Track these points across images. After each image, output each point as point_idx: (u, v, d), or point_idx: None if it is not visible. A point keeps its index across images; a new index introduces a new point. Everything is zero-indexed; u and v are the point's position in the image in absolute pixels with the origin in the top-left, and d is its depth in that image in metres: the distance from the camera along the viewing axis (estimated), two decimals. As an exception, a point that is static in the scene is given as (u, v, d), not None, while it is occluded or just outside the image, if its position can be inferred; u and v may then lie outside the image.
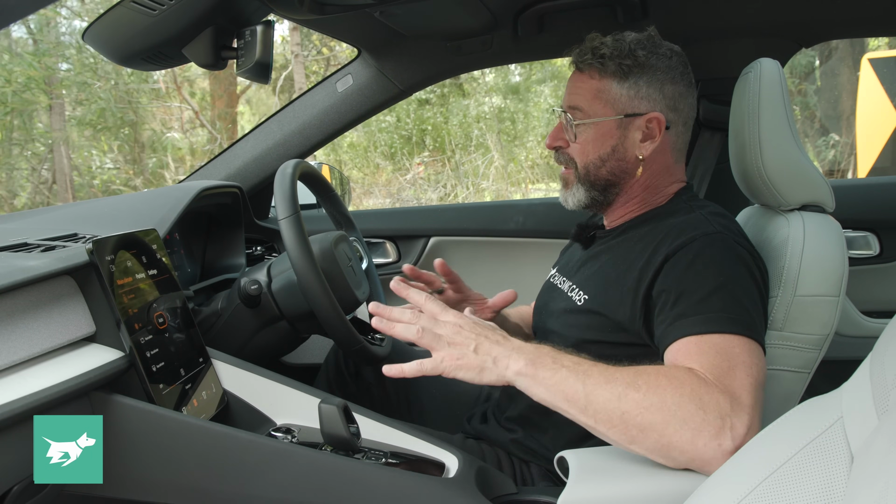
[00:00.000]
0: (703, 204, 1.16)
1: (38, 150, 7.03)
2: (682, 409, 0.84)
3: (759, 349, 0.95)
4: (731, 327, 0.94)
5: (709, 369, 0.90)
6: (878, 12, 1.60)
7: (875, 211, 1.89)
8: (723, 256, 1.02)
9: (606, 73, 1.14)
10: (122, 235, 0.99)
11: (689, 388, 0.86)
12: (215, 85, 7.98)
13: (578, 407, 0.88)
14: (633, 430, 0.86)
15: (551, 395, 0.89)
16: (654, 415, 0.85)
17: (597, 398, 0.87)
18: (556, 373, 0.89)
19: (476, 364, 0.92)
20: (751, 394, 0.88)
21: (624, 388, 0.87)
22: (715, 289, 0.98)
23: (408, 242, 2.07)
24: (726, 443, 0.83)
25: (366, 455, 0.99)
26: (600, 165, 1.17)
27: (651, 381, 0.87)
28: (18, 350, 0.82)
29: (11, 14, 0.76)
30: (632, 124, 1.15)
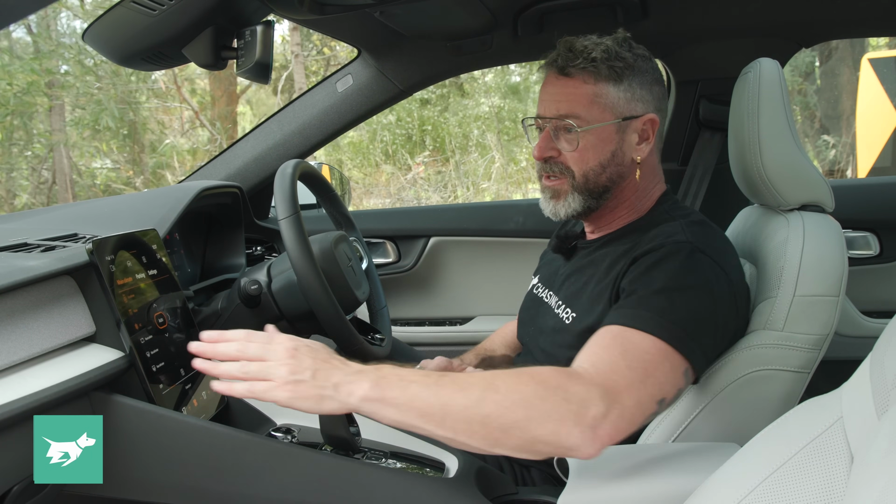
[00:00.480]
0: (686, 213, 1.16)
1: (38, 150, 7.03)
2: (545, 403, 0.82)
3: (678, 361, 0.93)
4: (656, 330, 0.92)
5: (604, 362, 0.89)
6: (878, 12, 1.60)
7: (875, 211, 1.89)
8: (682, 265, 1.00)
9: (601, 76, 1.11)
10: (122, 235, 0.99)
11: (554, 382, 0.84)
12: (215, 85, 7.98)
13: (435, 421, 0.83)
14: (495, 433, 0.83)
15: (403, 415, 0.84)
16: (517, 412, 0.82)
17: (454, 408, 0.83)
18: (405, 390, 0.84)
19: (314, 393, 0.84)
20: (632, 396, 0.86)
21: (482, 392, 0.83)
22: (659, 290, 0.97)
23: (408, 242, 2.07)
24: (587, 431, 0.82)
25: (366, 455, 0.99)
26: (601, 172, 1.15)
27: (511, 380, 0.85)
28: (18, 350, 0.82)
29: (11, 14, 0.76)
30: (629, 127, 1.14)
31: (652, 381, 0.90)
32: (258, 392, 0.85)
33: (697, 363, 0.96)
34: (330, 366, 0.86)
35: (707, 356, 1.00)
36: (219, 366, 0.87)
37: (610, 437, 0.84)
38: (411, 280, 2.08)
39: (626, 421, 0.85)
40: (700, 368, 0.97)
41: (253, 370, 0.86)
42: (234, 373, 0.86)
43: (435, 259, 2.07)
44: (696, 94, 1.81)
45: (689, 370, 0.95)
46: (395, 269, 2.07)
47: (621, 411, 0.85)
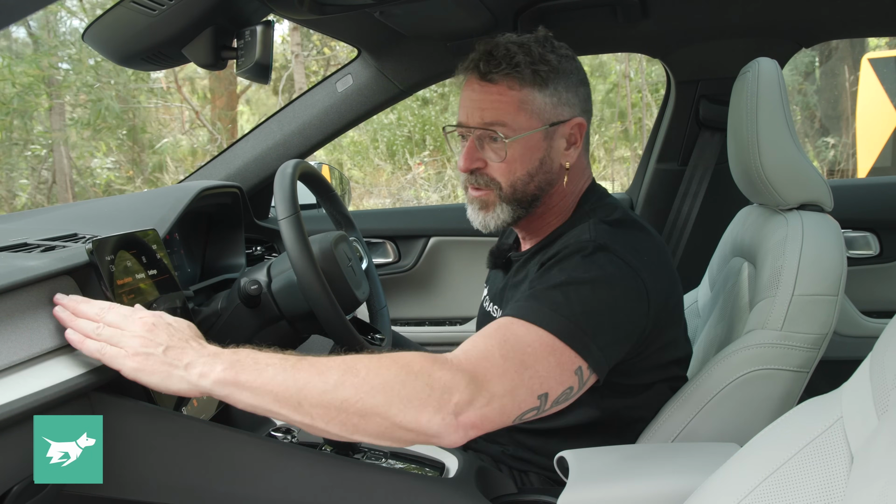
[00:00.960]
0: (605, 211, 1.12)
1: (38, 150, 7.03)
2: (406, 388, 0.80)
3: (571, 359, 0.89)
4: (544, 323, 0.89)
5: (477, 350, 0.86)
6: (878, 12, 1.60)
7: (875, 211, 1.89)
8: (580, 262, 0.98)
9: (525, 82, 1.06)
10: (122, 235, 0.99)
11: (418, 367, 0.81)
12: (215, 85, 7.98)
13: (291, 405, 0.80)
14: (353, 418, 0.80)
15: (259, 399, 0.81)
16: (376, 397, 0.79)
17: (311, 392, 0.80)
18: (260, 374, 0.81)
19: (162, 369, 0.82)
20: (503, 385, 0.83)
21: (340, 375, 0.80)
22: (554, 286, 0.94)
23: (408, 242, 2.07)
24: (449, 418, 0.79)
25: (366, 455, 0.99)
26: (528, 181, 1.10)
27: (372, 364, 0.82)
28: (18, 350, 0.82)
29: (11, 14, 0.76)
30: (556, 133, 1.10)
31: (531, 374, 0.86)
32: (107, 356, 0.83)
33: (594, 362, 0.91)
34: (185, 345, 0.84)
35: (607, 356, 0.93)
36: (76, 320, 0.85)
37: (474, 425, 0.81)
38: (411, 280, 2.08)
39: (495, 411, 0.82)
40: (599, 368, 0.92)
41: (105, 334, 0.83)
42: (88, 331, 0.84)
43: (435, 259, 2.07)
44: (696, 94, 1.81)
45: (584, 369, 0.91)
46: (395, 269, 2.07)
47: (489, 400, 0.82)
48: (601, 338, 0.92)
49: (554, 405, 0.89)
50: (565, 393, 0.90)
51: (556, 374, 0.88)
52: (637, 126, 8.34)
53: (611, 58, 8.28)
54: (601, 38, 1.81)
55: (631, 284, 0.98)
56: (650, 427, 1.12)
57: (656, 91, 8.09)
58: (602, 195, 1.17)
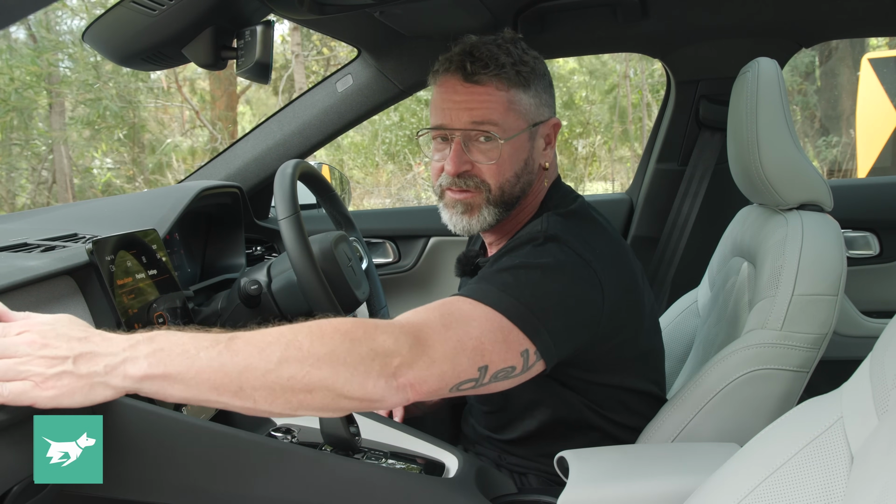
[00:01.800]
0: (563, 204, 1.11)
1: (38, 150, 7.03)
2: (351, 355, 0.76)
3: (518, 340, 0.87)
4: (493, 302, 0.88)
5: (419, 317, 0.84)
6: (878, 12, 1.61)
7: (875, 211, 1.89)
8: (532, 250, 0.98)
9: (511, 82, 1.05)
10: (122, 235, 0.99)
11: (360, 333, 0.77)
12: (215, 85, 7.98)
13: (231, 391, 0.73)
14: (300, 394, 0.74)
15: (194, 391, 0.73)
16: (322, 370, 0.74)
17: (252, 374, 0.73)
18: (193, 362, 0.72)
19: (81, 384, 0.69)
20: (443, 350, 0.81)
21: (283, 350, 0.74)
22: (504, 269, 0.94)
23: (408, 242, 2.07)
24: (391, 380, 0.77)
25: (366, 455, 0.99)
26: (515, 182, 1.09)
27: (315, 333, 0.76)
28: (18, 350, 0.82)
29: (11, 14, 0.76)
30: (537, 133, 1.10)
31: (473, 344, 0.84)
32: (11, 396, 0.67)
33: (543, 346, 0.89)
34: (92, 346, 0.71)
35: (557, 341, 0.91)
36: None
37: (413, 387, 0.79)
38: (411, 280, 2.08)
39: (434, 375, 0.80)
40: (547, 353, 0.90)
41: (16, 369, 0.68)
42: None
43: (435, 259, 2.07)
44: (696, 94, 1.81)
45: (532, 353, 0.89)
46: (395, 269, 2.07)
47: (429, 363, 0.80)
48: (552, 323, 0.91)
49: (493, 380, 0.86)
50: (506, 370, 0.87)
51: (501, 349, 0.86)
52: (637, 126, 8.35)
53: (611, 58, 8.29)
54: (601, 38, 1.81)
55: (582, 273, 0.97)
56: (650, 427, 1.12)
57: (656, 91, 8.09)
58: (565, 192, 1.16)
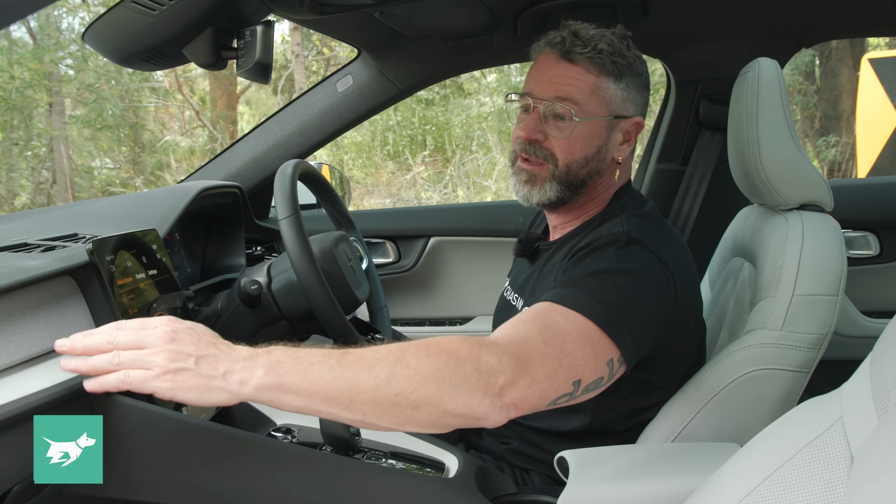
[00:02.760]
0: (636, 206, 1.14)
1: (38, 149, 7.03)
2: (456, 374, 0.78)
3: (607, 348, 0.90)
4: (583, 308, 0.91)
5: (519, 334, 0.87)
6: (878, 12, 1.60)
7: (875, 211, 1.89)
8: (615, 252, 1.00)
9: (604, 70, 1.09)
10: (122, 235, 0.99)
11: (465, 352, 0.80)
12: (215, 85, 7.98)
13: (342, 404, 0.77)
14: (406, 410, 0.77)
15: (307, 401, 0.77)
16: (429, 387, 0.77)
17: (362, 389, 0.76)
18: (306, 374, 0.76)
19: (199, 383, 0.75)
20: (545, 369, 0.84)
21: (391, 368, 0.77)
22: (590, 273, 0.96)
23: (408, 242, 2.07)
24: (495, 399, 0.79)
25: (366, 455, 0.99)
26: (584, 165, 1.12)
27: (421, 353, 0.79)
28: (18, 350, 0.82)
29: (11, 14, 0.76)
30: (618, 126, 1.13)
31: (569, 360, 0.86)
32: (133, 382, 0.75)
33: (626, 351, 0.92)
34: (216, 351, 0.77)
35: (637, 344, 0.95)
36: (88, 360, 0.77)
37: (515, 405, 0.81)
38: (411, 280, 2.08)
39: (535, 393, 0.83)
40: (629, 357, 0.94)
41: (126, 359, 0.76)
42: (105, 365, 0.76)
43: (435, 259, 2.07)
44: (696, 94, 1.81)
45: (617, 360, 0.92)
46: (395, 269, 2.07)
47: (531, 382, 0.82)
48: (634, 326, 0.94)
49: (585, 392, 0.90)
50: (596, 382, 0.91)
51: (592, 362, 0.89)
52: (637, 126, 8.33)
53: (611, 58, 8.27)
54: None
55: (662, 277, 1.00)
56: (650, 427, 1.12)
57: (656, 91, 8.09)
58: (635, 194, 1.20)
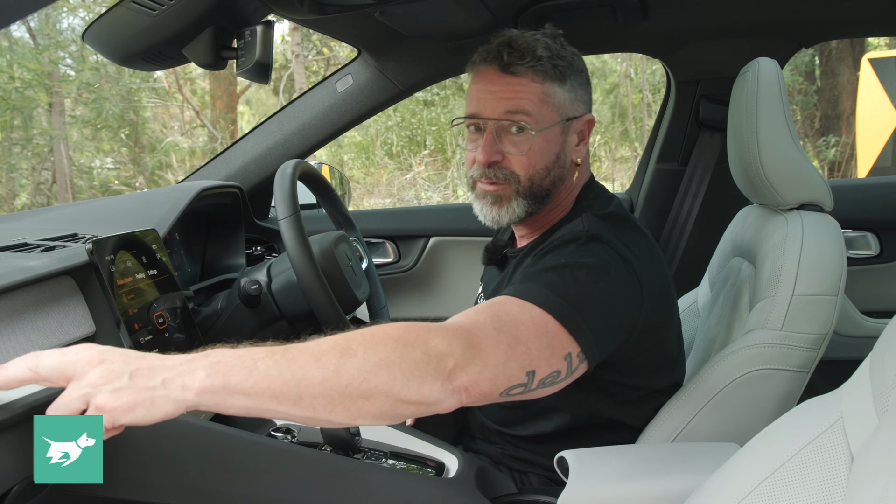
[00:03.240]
0: (600, 204, 1.13)
1: (38, 149, 7.03)
2: (405, 360, 0.76)
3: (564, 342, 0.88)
4: (540, 301, 0.89)
5: (470, 320, 0.85)
6: (878, 12, 1.60)
7: (875, 211, 1.89)
8: (575, 249, 0.99)
9: (547, 76, 1.06)
10: (122, 235, 0.99)
11: (413, 337, 0.78)
12: (215, 85, 7.98)
13: (290, 400, 0.73)
14: (357, 401, 0.74)
15: (253, 401, 0.72)
16: (379, 375, 0.74)
17: (310, 382, 0.73)
18: (251, 373, 0.72)
19: (141, 397, 0.68)
20: (496, 356, 0.82)
21: (339, 358, 0.74)
22: (549, 268, 0.95)
23: (408, 242, 2.07)
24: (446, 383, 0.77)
25: (366, 455, 0.99)
26: (545, 175, 1.10)
27: (368, 341, 0.76)
28: (18, 350, 0.82)
29: (11, 14, 0.76)
30: (571, 128, 1.11)
31: (522, 349, 0.84)
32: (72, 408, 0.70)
33: (587, 347, 0.90)
34: (148, 361, 0.71)
35: (599, 341, 0.92)
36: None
37: (466, 389, 0.79)
38: (411, 280, 2.08)
39: (487, 379, 0.81)
40: (591, 355, 0.91)
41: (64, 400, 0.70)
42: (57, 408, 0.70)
43: (435, 259, 2.07)
44: (696, 94, 1.81)
45: (576, 356, 0.89)
46: (395, 269, 2.07)
47: (482, 367, 0.80)
48: (595, 322, 0.91)
49: (540, 386, 0.87)
50: (552, 375, 0.88)
51: (547, 354, 0.87)
52: (637, 126, 8.35)
53: (611, 58, 8.28)
54: (601, 38, 1.80)
55: (624, 275, 0.99)
56: (650, 427, 1.12)
57: (656, 91, 8.09)
58: (600, 191, 1.18)
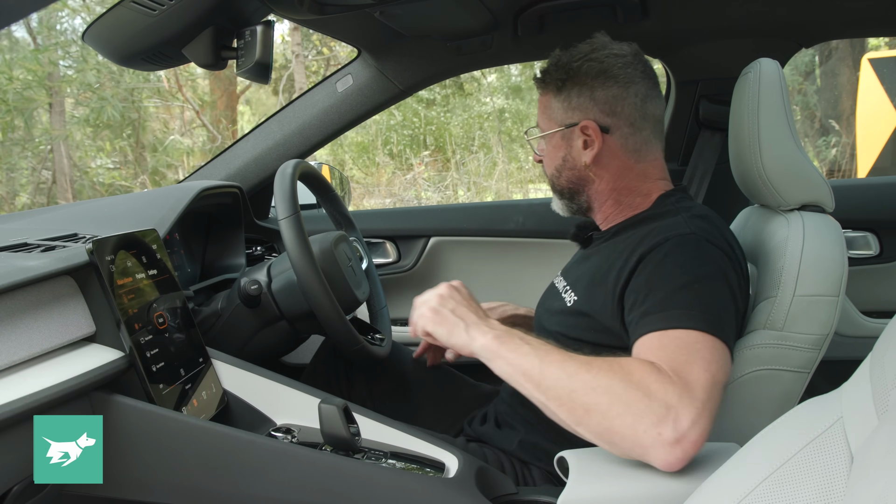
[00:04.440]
0: (690, 206, 1.16)
1: (38, 149, 7.03)
2: (627, 394, 0.86)
3: (724, 348, 0.95)
4: (694, 323, 0.95)
5: (667, 362, 0.91)
6: (878, 12, 1.60)
7: (875, 211, 1.89)
8: (692, 256, 1.03)
9: (548, 89, 1.22)
10: (122, 235, 0.99)
11: (638, 376, 0.88)
12: (215, 85, 7.98)
13: (533, 382, 0.93)
14: (579, 409, 0.89)
15: (511, 369, 0.95)
16: (600, 396, 0.88)
17: (550, 374, 0.92)
18: (517, 349, 0.96)
19: (449, 322, 1.03)
20: (705, 389, 0.88)
21: (577, 367, 0.91)
22: (681, 286, 0.98)
23: (408, 242, 2.07)
24: (667, 432, 0.84)
25: (366, 455, 0.99)
26: (559, 175, 1.25)
27: (605, 365, 0.90)
28: (18, 350, 0.82)
29: (11, 14, 0.76)
30: (572, 134, 1.21)
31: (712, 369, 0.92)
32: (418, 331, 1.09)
33: (729, 342, 0.98)
34: (469, 310, 1.05)
35: (733, 341, 1.02)
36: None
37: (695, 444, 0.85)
38: (411, 280, 2.08)
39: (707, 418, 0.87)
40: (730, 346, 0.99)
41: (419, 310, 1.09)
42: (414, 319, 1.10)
43: (435, 259, 2.07)
44: (696, 94, 1.81)
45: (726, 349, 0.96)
46: (395, 269, 2.07)
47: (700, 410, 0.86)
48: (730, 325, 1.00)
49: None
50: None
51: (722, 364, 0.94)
52: (637, 126, 8.32)
53: (611, 58, 8.26)
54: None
55: (733, 276, 1.05)
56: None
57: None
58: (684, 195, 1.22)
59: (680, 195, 1.20)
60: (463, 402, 1.43)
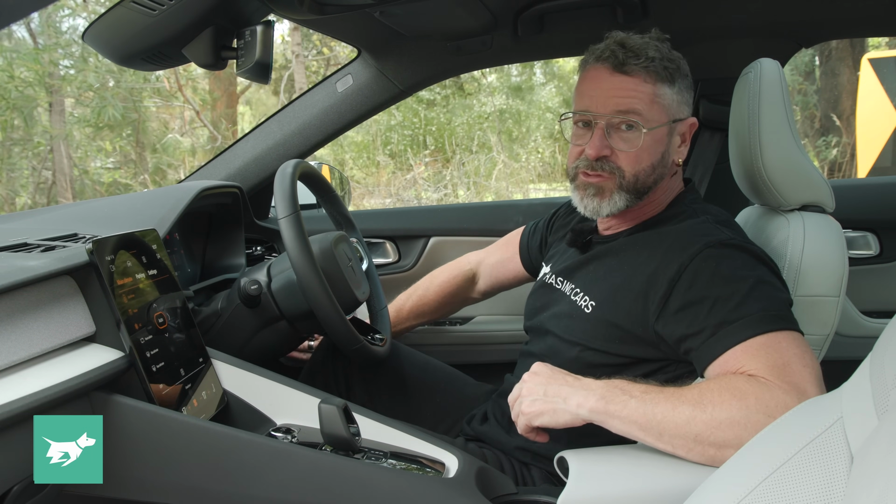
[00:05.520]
0: (706, 209, 1.16)
1: (38, 149, 7.03)
2: (750, 421, 0.86)
3: (802, 337, 0.96)
4: (773, 325, 0.95)
5: (766, 371, 0.91)
6: (878, 12, 1.60)
7: (875, 211, 1.89)
8: (745, 260, 1.03)
9: (658, 77, 1.10)
10: (122, 235, 0.99)
11: (752, 398, 0.88)
12: (215, 85, 7.98)
13: (654, 434, 0.91)
14: (710, 450, 0.88)
15: (626, 426, 0.92)
16: (726, 432, 0.87)
17: (668, 425, 0.90)
18: (625, 405, 0.92)
19: (548, 407, 0.96)
20: (813, 384, 0.90)
21: (691, 410, 0.89)
22: (747, 292, 0.98)
23: (408, 242, 2.07)
24: None
25: (366, 455, 0.99)
26: (650, 173, 1.13)
27: (716, 398, 0.89)
28: (18, 350, 0.82)
29: (11, 14, 0.76)
30: (675, 129, 1.16)
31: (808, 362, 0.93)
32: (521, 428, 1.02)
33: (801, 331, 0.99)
34: (559, 383, 0.98)
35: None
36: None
37: None
38: (411, 280, 2.07)
39: None
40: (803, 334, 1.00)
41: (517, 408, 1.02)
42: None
43: (435, 259, 2.07)
44: (696, 94, 1.81)
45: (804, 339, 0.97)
46: (395, 269, 2.07)
47: None
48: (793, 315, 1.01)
49: None
50: None
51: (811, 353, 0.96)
52: (637, 126, 8.32)
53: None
54: (601, 38, 1.80)
55: (776, 269, 1.07)
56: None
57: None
58: (697, 196, 1.22)
59: (691, 196, 1.20)
60: (463, 402, 1.43)
